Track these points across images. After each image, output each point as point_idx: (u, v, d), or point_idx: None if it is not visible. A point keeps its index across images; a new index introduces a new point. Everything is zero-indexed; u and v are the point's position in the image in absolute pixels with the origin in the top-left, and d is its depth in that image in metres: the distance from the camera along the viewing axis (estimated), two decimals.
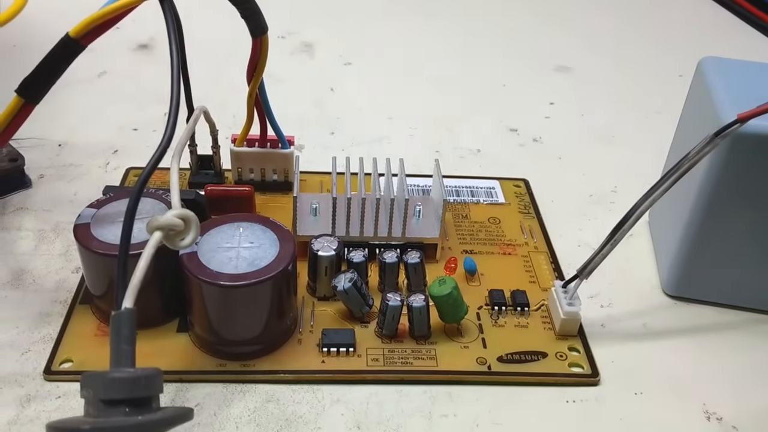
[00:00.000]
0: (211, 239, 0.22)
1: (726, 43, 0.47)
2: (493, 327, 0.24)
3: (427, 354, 0.23)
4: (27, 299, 0.24)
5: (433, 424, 0.21)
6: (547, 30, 0.47)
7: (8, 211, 0.28)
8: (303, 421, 0.21)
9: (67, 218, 0.28)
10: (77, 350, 0.22)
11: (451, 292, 0.22)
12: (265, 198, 0.29)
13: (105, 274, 0.22)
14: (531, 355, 0.23)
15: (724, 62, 0.26)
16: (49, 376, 0.22)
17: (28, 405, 0.21)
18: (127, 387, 0.17)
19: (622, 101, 0.39)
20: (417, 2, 0.50)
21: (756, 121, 0.21)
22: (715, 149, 0.22)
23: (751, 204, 0.23)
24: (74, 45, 0.20)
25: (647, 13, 0.51)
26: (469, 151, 0.34)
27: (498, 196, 0.30)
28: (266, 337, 0.22)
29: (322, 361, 0.22)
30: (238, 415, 0.21)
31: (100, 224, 0.22)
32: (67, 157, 0.31)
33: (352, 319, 0.24)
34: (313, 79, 0.40)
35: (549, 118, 0.37)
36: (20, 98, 0.20)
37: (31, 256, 0.26)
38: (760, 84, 0.24)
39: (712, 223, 0.24)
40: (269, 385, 0.22)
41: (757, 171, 0.23)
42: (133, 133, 0.33)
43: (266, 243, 0.22)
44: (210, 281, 0.21)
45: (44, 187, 0.29)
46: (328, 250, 0.24)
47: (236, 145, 0.28)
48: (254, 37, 0.24)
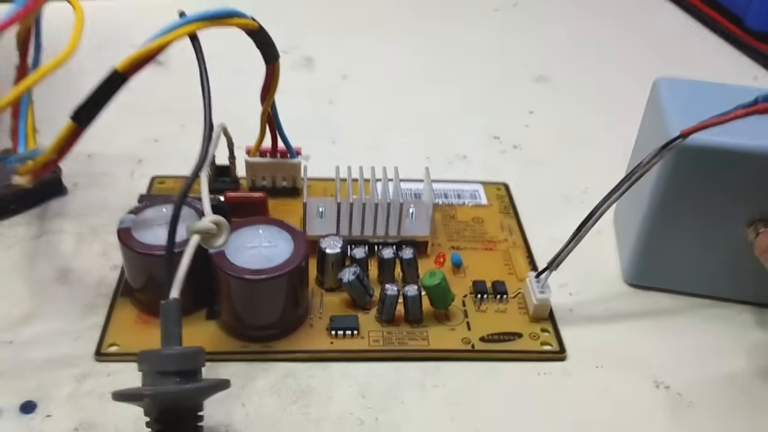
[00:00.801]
0: (236, 240, 0.26)
1: (692, 52, 0.51)
2: (476, 312, 0.28)
3: (420, 335, 0.26)
4: (73, 294, 0.28)
5: (425, 393, 0.25)
6: (527, 44, 0.51)
7: (49, 216, 0.32)
8: (316, 393, 0.25)
9: (101, 221, 0.31)
10: (122, 336, 0.26)
11: (440, 283, 0.26)
12: (276, 202, 0.32)
13: (145, 271, 0.26)
14: (508, 336, 0.27)
15: (676, 82, 0.30)
16: (99, 357, 0.25)
17: (84, 381, 0.24)
18: (178, 361, 0.20)
19: (595, 109, 0.43)
20: (409, 22, 0.53)
21: (697, 136, 0.25)
22: (663, 160, 0.26)
23: (695, 206, 0.27)
24: (120, 78, 0.24)
25: (619, 27, 0.55)
26: (456, 156, 0.38)
27: (481, 199, 0.34)
28: (283, 323, 0.26)
29: (330, 342, 0.26)
30: (261, 388, 0.25)
31: (140, 228, 0.26)
32: (97, 166, 0.35)
33: (355, 307, 0.27)
34: (313, 92, 0.43)
35: (528, 126, 0.41)
36: (74, 123, 0.24)
37: (73, 256, 0.30)
38: (706, 102, 0.28)
39: (664, 222, 0.28)
40: (287, 363, 0.25)
41: (699, 179, 0.26)
42: (154, 144, 0.37)
43: (282, 243, 0.26)
44: (236, 275, 0.24)
45: (79, 194, 0.33)
46: (334, 248, 0.27)
47: (250, 156, 0.32)
48: (268, 64, 0.28)
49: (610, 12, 0.57)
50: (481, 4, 0.57)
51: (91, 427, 0.23)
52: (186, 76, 0.42)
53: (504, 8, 0.56)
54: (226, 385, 0.21)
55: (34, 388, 0.24)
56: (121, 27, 0.29)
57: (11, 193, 0.31)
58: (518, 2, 0.57)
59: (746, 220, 0.27)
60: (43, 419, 0.23)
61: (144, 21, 0.25)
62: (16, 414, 0.23)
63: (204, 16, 0.24)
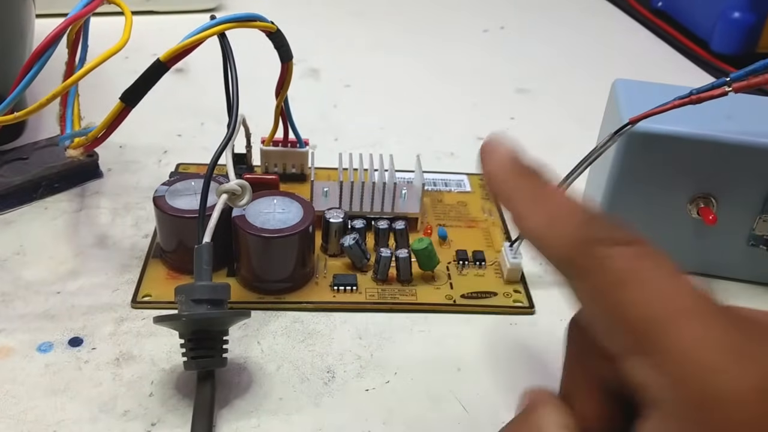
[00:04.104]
0: (254, 207, 0.30)
1: (661, 71, 0.56)
2: (458, 276, 0.32)
3: (410, 292, 0.31)
4: (111, 255, 0.32)
5: (413, 336, 0.29)
6: (511, 61, 0.56)
7: (87, 194, 0.36)
8: (321, 335, 0.29)
9: (133, 200, 0.36)
10: (154, 288, 0.30)
11: (427, 247, 0.31)
12: (286, 186, 0.37)
13: (175, 232, 0.30)
14: (485, 294, 0.31)
15: (631, 83, 0.34)
16: (135, 305, 0.30)
17: (122, 323, 0.29)
18: (209, 291, 0.25)
19: (568, 116, 0.48)
20: (406, 41, 0.59)
21: (643, 124, 0.30)
22: (616, 144, 0.31)
23: (645, 186, 0.32)
24: (162, 67, 0.28)
25: (596, 49, 0.60)
26: (444, 153, 0.43)
27: (466, 186, 0.39)
28: (293, 278, 0.30)
29: (333, 296, 0.30)
30: (274, 330, 0.29)
31: (172, 196, 0.31)
32: (128, 155, 0.40)
33: (354, 269, 0.32)
34: (319, 98, 0.48)
35: (509, 129, 0.46)
36: (122, 103, 0.29)
37: (109, 227, 0.34)
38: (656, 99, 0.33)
39: (619, 201, 0.32)
40: (295, 312, 0.30)
41: (646, 161, 0.31)
42: (177, 138, 0.42)
43: (293, 210, 0.30)
44: (255, 234, 0.29)
45: (113, 177, 0.38)
46: (337, 218, 0.32)
47: (265, 145, 0.37)
48: (283, 62, 0.33)
49: (587, 35, 0.62)
50: (472, 27, 0.62)
51: (130, 357, 0.27)
52: (204, 82, 0.47)
53: (492, 30, 0.62)
54: (247, 315, 0.26)
55: (80, 328, 0.28)
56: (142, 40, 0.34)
57: (55, 173, 0.36)
58: (505, 25, 0.63)
59: (688, 198, 0.32)
60: (89, 351, 0.27)
61: (163, 35, 0.29)
62: (66, 347, 0.28)
63: (232, 18, 0.29)
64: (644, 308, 0.16)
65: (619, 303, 0.17)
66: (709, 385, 0.15)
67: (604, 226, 0.18)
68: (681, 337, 0.16)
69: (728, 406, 0.15)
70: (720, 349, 0.16)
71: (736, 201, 0.31)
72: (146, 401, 0.26)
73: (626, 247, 0.18)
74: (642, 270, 0.17)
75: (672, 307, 0.16)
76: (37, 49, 0.28)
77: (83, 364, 0.27)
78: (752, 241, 0.32)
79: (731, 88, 0.28)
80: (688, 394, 0.15)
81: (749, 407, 0.15)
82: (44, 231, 0.33)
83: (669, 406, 0.16)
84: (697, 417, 0.15)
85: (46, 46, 0.28)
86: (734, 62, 0.56)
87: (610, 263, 0.17)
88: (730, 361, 0.15)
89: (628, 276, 0.17)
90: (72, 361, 0.27)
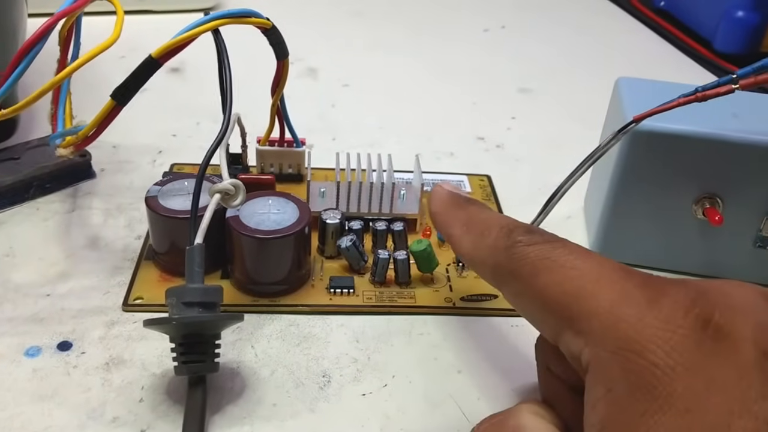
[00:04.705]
0: (249, 207, 0.29)
1: (664, 70, 0.56)
2: (458, 278, 0.31)
3: (408, 295, 0.30)
4: (102, 257, 0.32)
5: (412, 339, 0.28)
6: (512, 60, 0.56)
7: (80, 195, 0.35)
8: (317, 338, 0.28)
9: (126, 200, 0.35)
10: (146, 291, 0.29)
11: (426, 249, 0.30)
12: (282, 186, 0.36)
13: (167, 233, 0.30)
14: (485, 297, 0.30)
15: (635, 81, 0.34)
16: (126, 308, 0.29)
17: (112, 327, 0.28)
18: (201, 294, 0.24)
19: (570, 116, 0.47)
20: (405, 40, 0.58)
21: (647, 122, 0.29)
22: (620, 143, 0.30)
23: (649, 186, 0.31)
24: (154, 63, 0.28)
25: (597, 48, 0.60)
26: (444, 154, 0.42)
27: (466, 187, 0.38)
28: (289, 280, 0.29)
29: (329, 299, 0.30)
30: (268, 333, 0.28)
31: (165, 197, 0.30)
32: (122, 155, 0.39)
33: (351, 272, 0.31)
34: (317, 98, 0.47)
35: (510, 129, 0.45)
36: (113, 101, 0.28)
37: (101, 228, 0.33)
38: (660, 98, 0.32)
39: (623, 202, 0.32)
40: (291, 315, 0.29)
41: (651, 161, 0.30)
42: (172, 138, 0.41)
43: (289, 211, 0.30)
44: (249, 235, 0.28)
45: (106, 178, 0.37)
46: (333, 219, 0.31)
47: (260, 145, 0.36)
48: (279, 59, 0.32)
49: (589, 35, 0.62)
50: (472, 26, 0.61)
51: (120, 362, 0.27)
52: (199, 81, 0.47)
53: (493, 29, 0.61)
54: (240, 318, 0.25)
55: (70, 331, 0.28)
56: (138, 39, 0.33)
57: (47, 173, 0.35)
58: (506, 24, 0.62)
59: (693, 198, 0.31)
60: (78, 355, 0.27)
61: (159, 34, 0.29)
62: (55, 351, 0.27)
63: (226, 14, 0.29)
64: (561, 286, 0.19)
65: (541, 288, 0.19)
66: (635, 340, 0.16)
67: (523, 231, 0.21)
68: (599, 303, 0.18)
69: (658, 354, 0.16)
70: (637, 304, 0.17)
71: (742, 201, 0.31)
72: (136, 407, 0.25)
73: (542, 243, 0.20)
74: (556, 256, 0.19)
75: (586, 279, 0.18)
76: (24, 45, 0.27)
77: (72, 369, 0.26)
78: (759, 243, 0.32)
79: (738, 85, 0.27)
80: (619, 353, 0.17)
81: (676, 349, 0.16)
82: (35, 232, 0.33)
83: (604, 368, 0.17)
84: (633, 371, 0.16)
85: (34, 41, 0.27)
86: (738, 62, 0.56)
87: (527, 257, 0.20)
88: (649, 314, 0.17)
89: (545, 263, 0.19)
90: (60, 366, 0.26)
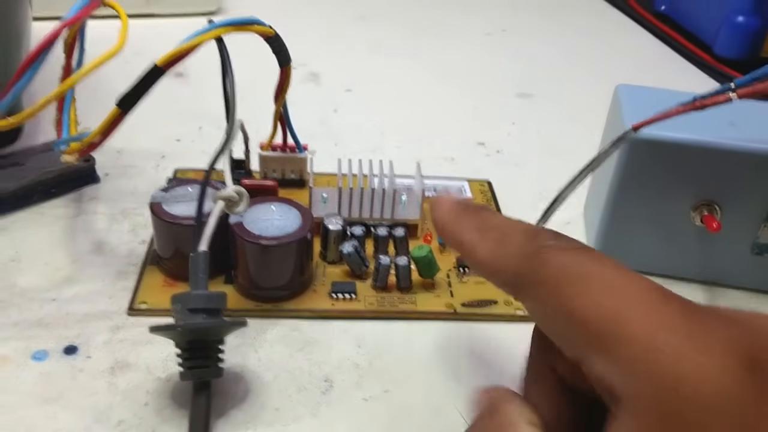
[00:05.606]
0: (252, 213, 0.30)
1: (664, 75, 0.56)
2: (459, 283, 0.32)
3: (409, 300, 0.30)
4: (108, 262, 0.32)
5: (413, 343, 0.29)
6: (513, 65, 0.56)
7: (84, 200, 0.36)
8: (319, 343, 0.28)
9: (130, 205, 0.36)
10: (150, 296, 0.30)
11: (427, 255, 0.30)
12: (285, 192, 0.36)
13: (172, 238, 0.30)
14: (486, 302, 0.31)
15: (634, 88, 0.34)
16: (131, 312, 0.29)
17: (117, 331, 0.28)
18: (205, 300, 0.24)
19: (570, 121, 0.47)
20: (407, 45, 0.59)
21: (646, 130, 0.30)
22: (618, 151, 0.30)
23: (647, 193, 0.31)
24: (158, 71, 0.28)
25: (597, 52, 0.60)
26: (444, 159, 0.42)
27: (467, 193, 0.38)
28: (291, 285, 0.30)
29: (332, 304, 0.30)
30: (272, 338, 0.29)
31: (168, 203, 0.30)
32: (126, 160, 0.39)
33: (353, 277, 0.31)
34: (319, 103, 0.48)
35: (510, 134, 0.45)
36: (118, 109, 0.28)
37: (106, 233, 0.34)
38: (659, 104, 0.32)
39: (622, 208, 0.32)
40: (293, 320, 0.29)
41: (650, 167, 0.31)
42: (176, 143, 0.41)
43: (292, 216, 0.30)
44: (253, 241, 0.28)
45: (110, 182, 0.37)
46: (336, 225, 0.32)
47: (263, 150, 0.36)
48: (281, 66, 0.33)
49: (590, 38, 0.62)
50: (474, 29, 0.62)
51: (125, 366, 0.27)
52: (203, 86, 0.47)
53: (494, 33, 0.61)
54: (243, 324, 0.25)
55: (75, 336, 0.28)
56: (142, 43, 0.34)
57: (51, 178, 0.35)
58: (507, 28, 0.62)
59: (691, 205, 0.31)
60: (84, 359, 0.27)
61: (163, 38, 0.29)
62: (61, 355, 0.27)
63: (229, 22, 0.29)
64: (597, 306, 0.16)
65: (570, 304, 0.17)
66: (673, 374, 0.15)
67: (548, 236, 0.19)
68: (636, 330, 0.16)
69: (697, 392, 0.15)
70: (677, 335, 0.15)
71: (740, 209, 0.31)
72: (141, 411, 0.25)
73: (571, 250, 0.18)
74: (588, 269, 0.17)
75: (623, 301, 0.16)
76: (31, 54, 0.27)
77: (78, 372, 0.26)
78: (756, 249, 0.32)
79: (735, 94, 0.27)
80: (654, 386, 0.15)
81: (717, 390, 0.15)
82: (40, 237, 0.33)
83: (636, 401, 0.15)
84: (668, 408, 0.15)
85: (40, 50, 0.27)
86: (738, 66, 0.56)
87: (556, 264, 0.18)
88: (690, 347, 0.15)
89: (576, 276, 0.17)
90: (66, 370, 0.26)
